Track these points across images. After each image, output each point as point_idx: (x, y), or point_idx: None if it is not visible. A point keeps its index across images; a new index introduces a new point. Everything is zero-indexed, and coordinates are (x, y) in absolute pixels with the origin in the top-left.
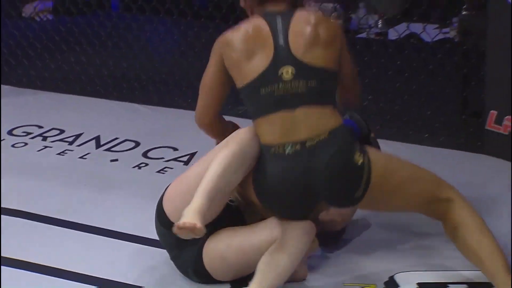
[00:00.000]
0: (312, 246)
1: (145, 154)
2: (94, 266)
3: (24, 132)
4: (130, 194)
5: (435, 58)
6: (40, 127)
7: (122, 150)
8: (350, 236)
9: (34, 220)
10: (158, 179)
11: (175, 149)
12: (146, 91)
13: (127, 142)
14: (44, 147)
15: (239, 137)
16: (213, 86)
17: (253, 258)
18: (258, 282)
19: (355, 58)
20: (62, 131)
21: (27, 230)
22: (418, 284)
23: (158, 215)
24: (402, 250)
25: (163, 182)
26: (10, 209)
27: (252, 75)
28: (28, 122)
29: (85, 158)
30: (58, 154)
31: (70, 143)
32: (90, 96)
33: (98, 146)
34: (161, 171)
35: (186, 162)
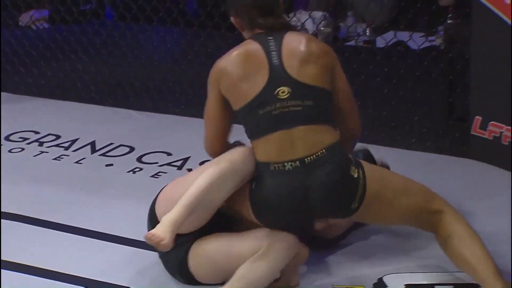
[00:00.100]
0: (302, 254)
1: (139, 159)
2: (88, 268)
3: (21, 137)
4: (125, 197)
5: (422, 65)
6: (36, 133)
7: (117, 155)
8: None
9: (30, 223)
10: (152, 183)
11: (169, 154)
12: (140, 98)
13: (122, 147)
14: (40, 152)
15: (232, 156)
16: (216, 118)
17: (238, 265)
18: (231, 285)
19: (344, 65)
20: (58, 137)
21: (23, 233)
22: (406, 285)
23: (150, 217)
24: (390, 253)
25: (157, 186)
26: (7, 212)
27: (249, 97)
28: (25, 128)
29: (80, 163)
30: (54, 159)
31: (66, 148)
32: (85, 102)
33: (94, 151)
34: (155, 176)
35: (180, 167)
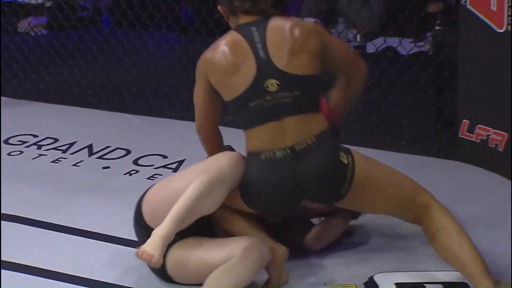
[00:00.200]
0: (280, 254)
1: (135, 162)
2: (88, 268)
3: (19, 141)
4: (121, 199)
5: (411, 70)
6: (35, 136)
7: (113, 158)
8: None
9: (30, 224)
10: (148, 185)
11: (165, 156)
12: (137, 102)
13: (119, 150)
14: (39, 155)
15: (221, 164)
16: (205, 103)
17: (210, 272)
18: None
19: None
20: (56, 140)
21: (23, 234)
22: (396, 284)
23: (135, 214)
24: (381, 252)
25: None
26: (7, 214)
27: (238, 90)
28: (23, 132)
29: (78, 166)
30: (52, 161)
31: (64, 151)
32: (83, 106)
33: (91, 154)
34: (151, 178)
35: (175, 169)
